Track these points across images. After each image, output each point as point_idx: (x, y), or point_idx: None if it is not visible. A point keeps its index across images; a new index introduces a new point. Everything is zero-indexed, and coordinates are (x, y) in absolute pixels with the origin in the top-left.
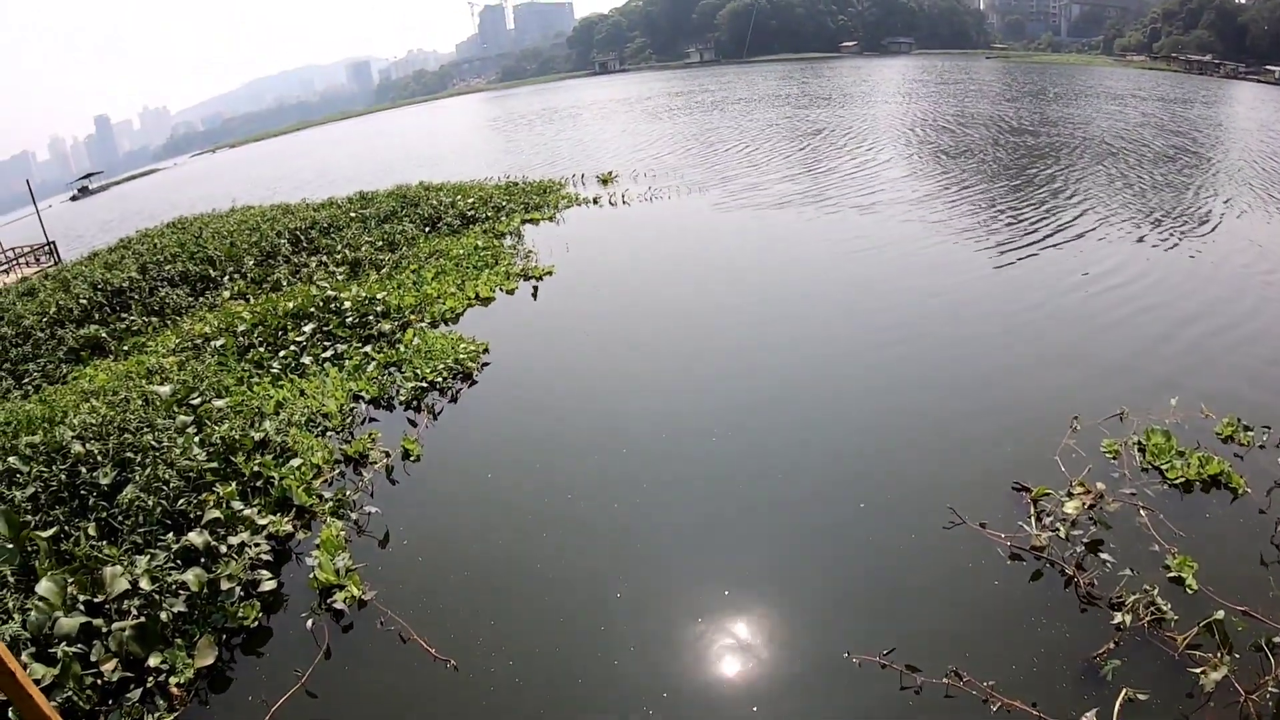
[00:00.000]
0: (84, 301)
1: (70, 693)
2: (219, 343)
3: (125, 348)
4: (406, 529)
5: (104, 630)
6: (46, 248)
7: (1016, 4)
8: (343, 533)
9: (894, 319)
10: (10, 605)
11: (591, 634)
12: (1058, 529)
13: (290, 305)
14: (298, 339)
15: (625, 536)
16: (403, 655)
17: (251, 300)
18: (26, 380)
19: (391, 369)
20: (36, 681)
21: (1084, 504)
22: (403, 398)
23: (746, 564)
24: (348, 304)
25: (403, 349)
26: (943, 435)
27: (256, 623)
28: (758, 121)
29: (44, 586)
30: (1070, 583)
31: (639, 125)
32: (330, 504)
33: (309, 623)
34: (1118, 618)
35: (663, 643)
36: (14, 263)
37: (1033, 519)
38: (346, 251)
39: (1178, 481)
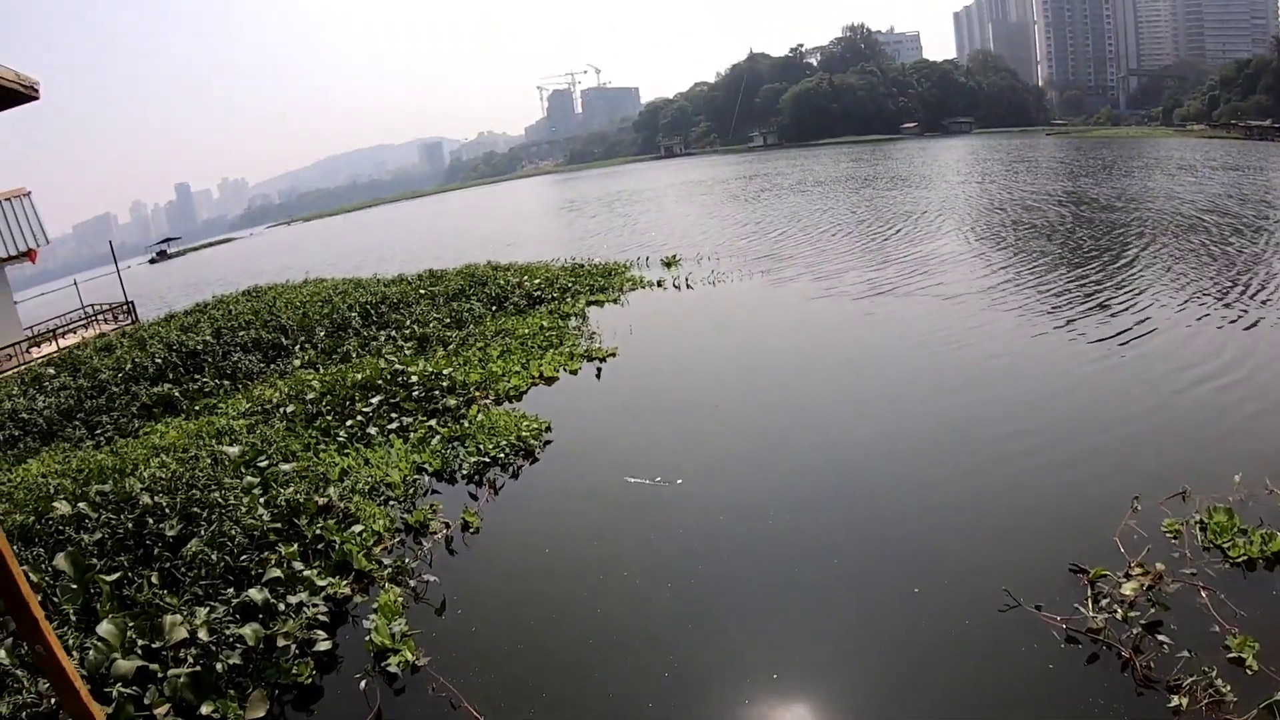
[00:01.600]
0: (159, 360)
1: None
2: (288, 409)
3: (196, 407)
4: (463, 598)
5: (160, 675)
6: (125, 306)
7: (1074, 79)
8: (400, 599)
9: (951, 404)
10: (70, 643)
11: (640, 712)
12: (1115, 611)
13: (359, 377)
14: (365, 409)
15: (677, 616)
16: None
17: (321, 370)
18: (99, 431)
19: (455, 443)
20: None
21: (1142, 585)
22: (465, 471)
23: (798, 647)
24: (415, 378)
25: (467, 424)
26: (1000, 518)
27: (310, 680)
28: (834, 204)
29: (104, 628)
30: (1127, 665)
31: (704, 209)
32: (389, 570)
33: (362, 684)
34: (1175, 700)
35: None
36: (93, 319)
37: (1089, 601)
38: (415, 327)
39: (1240, 560)
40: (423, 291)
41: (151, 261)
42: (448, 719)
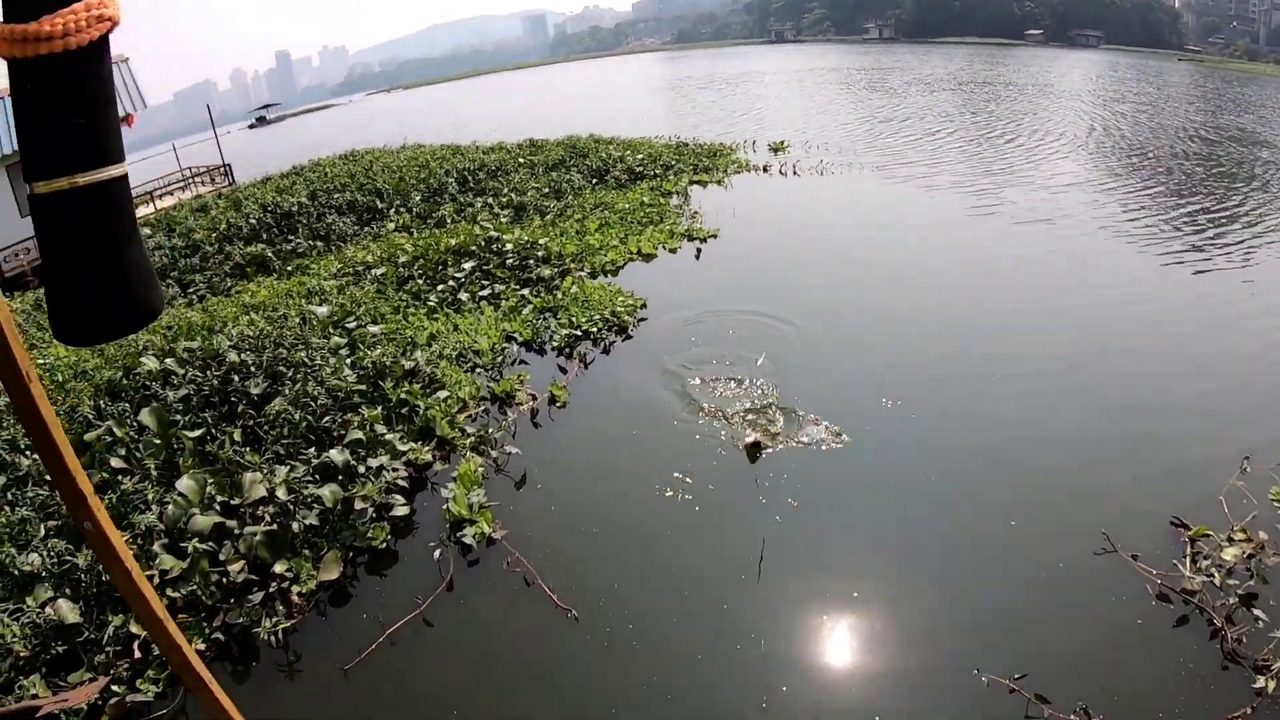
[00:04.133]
0: (253, 221)
1: (195, 587)
2: (379, 271)
3: (289, 268)
4: (544, 473)
5: (236, 532)
6: (222, 169)
7: (1215, 5)
8: (480, 469)
9: (1072, 332)
10: (150, 497)
11: (714, 611)
12: (1212, 575)
13: (452, 242)
14: (457, 275)
15: (761, 513)
16: (524, 598)
17: (415, 234)
18: (192, 290)
19: (547, 314)
20: (164, 573)
21: (1243, 552)
22: (555, 343)
23: (882, 564)
24: (509, 246)
25: (560, 295)
26: (1109, 458)
27: (385, 545)
28: (958, 108)
29: (184, 484)
30: (1216, 634)
31: (815, 97)
32: (471, 439)
33: (436, 553)
34: (1260, 681)
35: (786, 633)
36: (190, 181)
37: (1187, 559)
38: (513, 195)
39: None
40: (522, 160)
41: (250, 127)
42: (519, 596)
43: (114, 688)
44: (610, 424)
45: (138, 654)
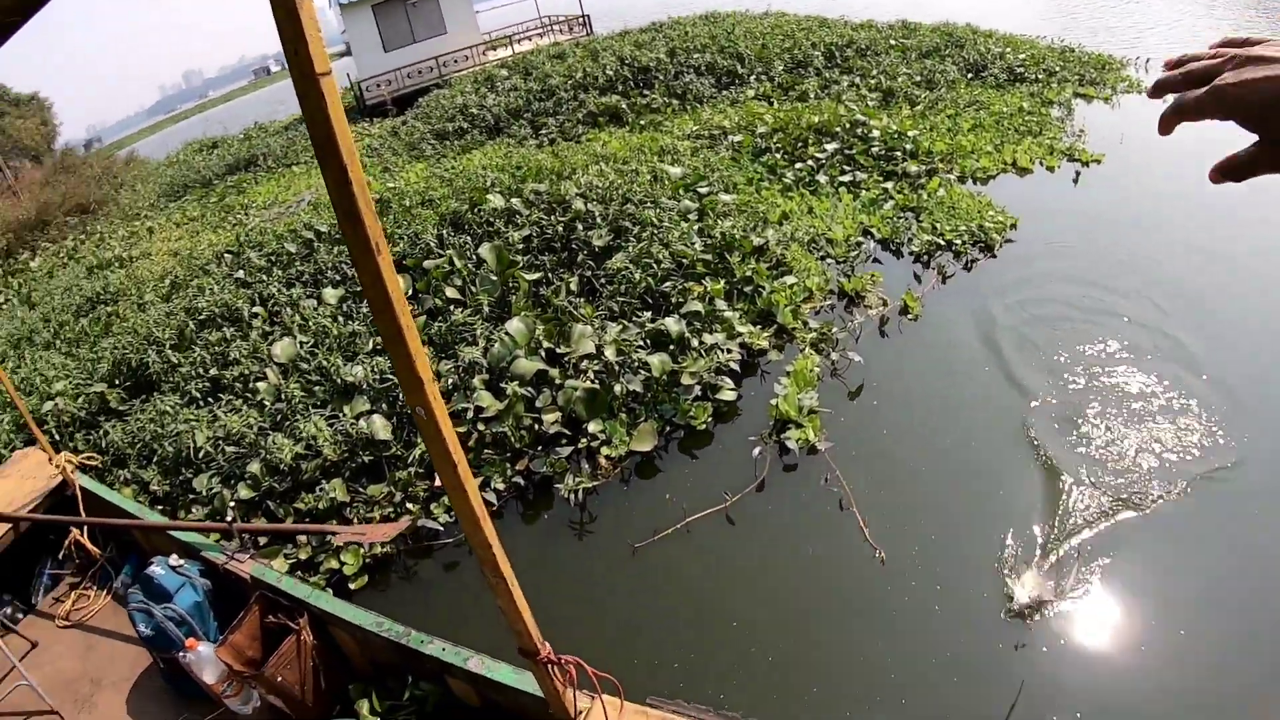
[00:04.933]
0: (609, 73)
1: (506, 429)
2: (736, 139)
3: (642, 122)
4: (881, 389)
5: (556, 383)
6: (581, 19)
7: None
8: (817, 369)
9: None
10: (479, 331)
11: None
12: None
13: (815, 119)
14: (818, 155)
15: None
16: (834, 521)
17: (775, 105)
18: (543, 132)
19: (908, 214)
20: (480, 409)
21: None
22: (914, 248)
23: (1210, 615)
24: (876, 133)
25: (925, 196)
26: None
27: (703, 427)
28: None
29: (514, 325)
30: None
31: (1224, 19)
32: (813, 334)
33: (756, 450)
34: None
35: (1100, 652)
36: (549, 28)
37: None
38: (881, 78)
39: None
40: (893, 42)
41: None
42: (830, 517)
43: (409, 506)
44: (963, 353)
45: (438, 481)
